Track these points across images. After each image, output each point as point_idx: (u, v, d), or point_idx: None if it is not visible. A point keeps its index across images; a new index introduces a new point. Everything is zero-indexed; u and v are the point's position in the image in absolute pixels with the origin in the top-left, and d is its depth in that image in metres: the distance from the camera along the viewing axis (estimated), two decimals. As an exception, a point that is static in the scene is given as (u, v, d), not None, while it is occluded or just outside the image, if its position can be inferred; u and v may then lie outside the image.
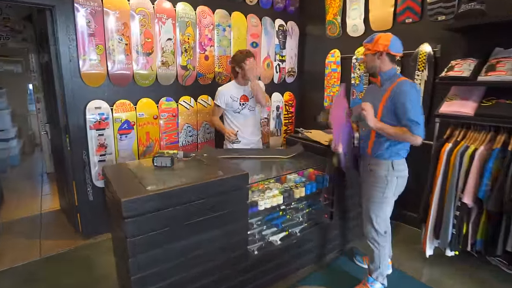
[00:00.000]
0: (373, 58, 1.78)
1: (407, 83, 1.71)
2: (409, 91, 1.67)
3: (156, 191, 1.39)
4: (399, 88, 1.69)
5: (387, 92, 1.75)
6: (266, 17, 3.32)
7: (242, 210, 1.71)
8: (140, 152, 2.70)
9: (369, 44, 1.78)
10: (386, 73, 1.79)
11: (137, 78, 2.59)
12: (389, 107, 1.73)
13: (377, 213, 1.88)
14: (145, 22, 2.55)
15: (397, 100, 1.68)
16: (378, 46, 1.74)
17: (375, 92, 1.85)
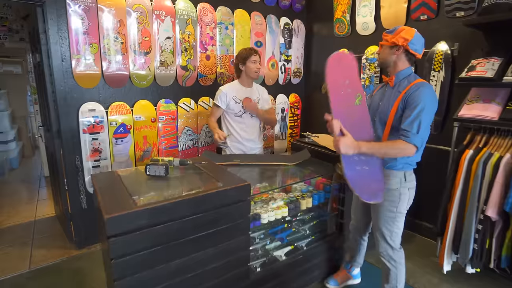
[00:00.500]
0: (388, 52, 1.56)
1: (426, 87, 1.47)
2: (426, 96, 1.44)
3: (147, 205, 1.24)
4: (415, 90, 1.46)
5: (401, 95, 1.51)
6: (271, 15, 3.16)
7: (244, 225, 1.55)
8: (137, 157, 2.55)
9: (388, 34, 1.56)
10: (401, 73, 1.57)
11: (134, 79, 2.45)
12: (402, 110, 1.51)
13: (391, 228, 1.68)
14: (142, 19, 2.41)
15: (409, 102, 1.46)
16: (397, 39, 1.51)
17: (385, 93, 1.63)
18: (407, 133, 1.43)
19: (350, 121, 1.45)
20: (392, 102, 1.55)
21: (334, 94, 1.44)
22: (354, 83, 1.52)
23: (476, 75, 1.97)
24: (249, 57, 2.24)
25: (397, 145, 1.44)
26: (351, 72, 1.52)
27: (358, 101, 1.52)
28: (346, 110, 1.48)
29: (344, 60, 1.50)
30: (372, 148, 1.45)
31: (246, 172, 2.01)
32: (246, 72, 2.29)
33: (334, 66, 1.44)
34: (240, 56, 2.29)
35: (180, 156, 2.77)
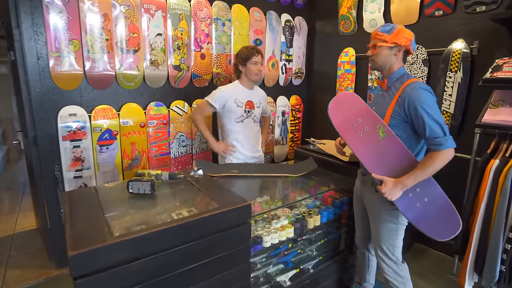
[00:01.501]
0: (389, 53, 1.44)
1: (418, 86, 1.36)
2: (422, 99, 1.33)
3: (125, 235, 1.00)
4: (409, 94, 1.35)
5: (395, 98, 1.41)
6: (271, 11, 2.94)
7: (243, 252, 1.32)
8: (124, 166, 2.31)
9: (386, 34, 1.42)
10: (395, 74, 1.47)
11: (120, 79, 2.21)
12: (399, 115, 1.40)
13: (393, 242, 1.53)
14: (130, 14, 2.17)
15: (410, 110, 1.36)
16: (400, 39, 1.41)
17: (379, 98, 1.54)
18: (436, 140, 1.32)
19: (385, 160, 1.40)
20: (386, 106, 1.45)
21: (355, 143, 1.41)
22: (367, 117, 1.42)
23: (504, 76, 1.75)
24: (250, 58, 2.01)
25: (437, 158, 1.32)
26: (358, 108, 1.45)
27: (382, 134, 1.40)
28: (375, 152, 1.41)
29: (343, 102, 1.46)
30: (416, 177, 1.34)
31: (246, 185, 1.78)
32: (246, 74, 2.06)
33: (337, 114, 1.43)
34: (240, 55, 2.06)
35: (172, 164, 2.53)
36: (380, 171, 1.41)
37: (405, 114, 1.38)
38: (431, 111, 1.32)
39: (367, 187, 1.58)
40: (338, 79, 3.05)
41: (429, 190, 1.40)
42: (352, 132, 1.42)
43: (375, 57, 1.48)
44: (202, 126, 2.12)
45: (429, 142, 1.35)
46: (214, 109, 2.08)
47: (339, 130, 1.44)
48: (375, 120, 1.41)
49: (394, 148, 1.40)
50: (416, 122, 1.36)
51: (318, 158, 2.05)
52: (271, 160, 3.27)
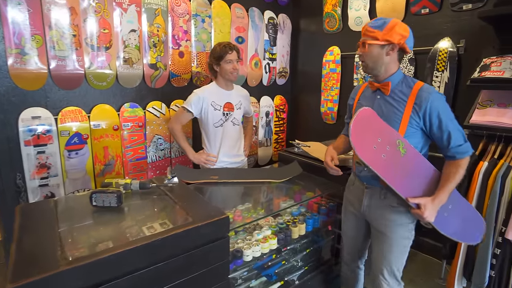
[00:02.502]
0: (380, 52, 1.25)
1: (434, 91, 1.24)
2: (442, 105, 1.22)
3: (80, 260, 0.86)
4: (429, 100, 1.21)
5: (409, 104, 1.25)
6: (253, 8, 2.82)
7: (222, 269, 1.20)
8: (96, 172, 2.15)
9: (377, 30, 1.24)
10: (396, 76, 1.30)
11: (90, 79, 2.05)
12: (417, 124, 1.25)
13: (403, 260, 1.41)
14: (100, 8, 2.01)
15: (431, 118, 1.22)
16: (392, 36, 1.22)
17: (379, 103, 1.33)
18: (461, 148, 1.23)
19: (413, 178, 1.27)
20: (398, 115, 1.26)
21: (382, 170, 1.21)
22: (386, 134, 1.24)
23: (492, 75, 1.70)
24: (223, 56, 1.88)
25: (464, 166, 1.24)
26: (376, 125, 1.25)
27: (403, 150, 1.24)
28: (402, 173, 1.25)
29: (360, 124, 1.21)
30: (449, 190, 1.24)
31: (226, 193, 1.67)
32: (221, 73, 1.94)
33: (360, 141, 1.20)
34: (213, 54, 1.93)
35: (149, 169, 2.38)
36: (412, 192, 1.26)
37: (424, 122, 1.24)
38: (453, 119, 1.23)
39: (375, 202, 1.38)
40: (323, 78, 2.97)
41: (452, 196, 1.31)
42: (376, 157, 1.21)
43: (365, 57, 1.29)
44: (179, 135, 1.99)
45: (452, 150, 1.24)
46: (192, 115, 1.95)
47: (370, 163, 1.20)
48: (393, 135, 1.24)
49: (416, 163, 1.27)
50: (437, 131, 1.23)
51: (303, 161, 1.95)
52: (255, 163, 3.16)
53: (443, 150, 1.27)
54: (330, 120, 2.98)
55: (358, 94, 1.49)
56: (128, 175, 2.27)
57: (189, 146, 2.07)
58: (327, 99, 2.97)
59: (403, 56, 1.32)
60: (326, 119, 3.02)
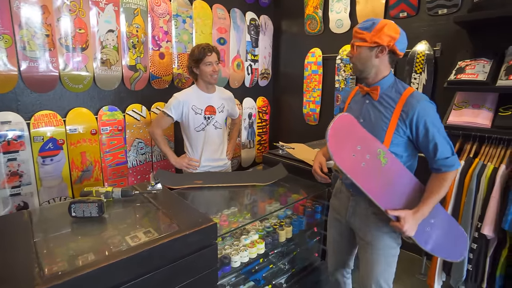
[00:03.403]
0: (369, 55, 1.21)
1: (424, 98, 1.19)
2: (431, 114, 1.17)
3: (63, 278, 0.81)
4: (416, 108, 1.16)
5: (397, 111, 1.20)
6: (235, 8, 2.79)
7: (210, 277, 1.17)
8: (73, 178, 2.05)
9: (365, 32, 1.20)
10: (386, 80, 1.25)
11: (65, 81, 1.95)
12: (403, 132, 1.20)
13: (391, 270, 1.35)
14: (75, 6, 1.92)
15: (418, 127, 1.18)
16: (381, 38, 1.17)
17: (367, 108, 1.29)
18: (447, 161, 1.18)
19: (393, 190, 1.22)
20: (385, 121, 1.22)
21: (361, 178, 1.16)
22: (366, 142, 1.19)
23: (467, 78, 1.77)
24: (202, 59, 1.84)
25: (446, 180, 1.19)
26: (355, 132, 1.20)
27: (383, 160, 1.19)
28: (382, 183, 1.19)
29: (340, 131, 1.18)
30: (432, 203, 1.19)
31: (211, 197, 1.64)
32: (201, 76, 1.91)
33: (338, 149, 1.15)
34: (192, 57, 1.89)
35: (130, 175, 2.30)
36: (392, 204, 1.20)
37: (411, 131, 1.19)
38: (441, 129, 1.17)
39: (360, 209, 1.33)
40: (305, 80, 2.99)
41: (434, 210, 1.26)
42: (355, 165, 1.16)
43: (354, 59, 1.26)
44: (160, 140, 1.95)
45: (438, 162, 1.19)
46: (172, 120, 1.91)
47: (348, 171, 1.15)
48: (373, 143, 1.19)
49: (398, 173, 1.22)
50: (424, 141, 1.18)
51: (288, 163, 1.95)
52: (238, 165, 3.14)
53: (429, 161, 1.23)
54: (313, 121, 3.01)
55: (349, 97, 1.44)
56: (107, 181, 2.19)
57: (170, 150, 2.02)
58: (309, 101, 3.00)
59: (395, 59, 1.26)
60: (309, 120, 3.05)
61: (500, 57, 1.81)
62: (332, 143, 1.13)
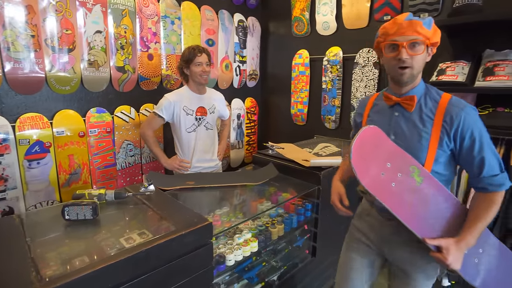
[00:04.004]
0: (425, 57, 1.04)
1: (468, 105, 1.02)
2: (477, 123, 1.00)
3: (61, 279, 0.81)
4: (462, 117, 0.99)
5: (436, 123, 1.02)
6: (223, 10, 2.81)
7: (205, 276, 1.19)
8: (61, 182, 2.01)
9: (426, 28, 0.99)
10: (420, 87, 1.09)
11: (52, 82, 1.92)
12: (447, 146, 1.03)
13: None
14: (61, 7, 1.89)
15: (465, 139, 1.00)
16: (438, 37, 1.05)
17: (400, 122, 1.10)
18: (496, 179, 1.00)
19: (432, 214, 1.02)
20: (426, 137, 1.04)
21: (391, 201, 0.98)
22: (396, 158, 1.01)
23: (448, 79, 1.86)
24: (193, 59, 1.86)
25: (494, 202, 1.01)
26: (384, 147, 1.02)
27: (418, 179, 1.01)
28: (418, 207, 1.00)
29: (365, 145, 1.00)
30: (476, 231, 0.99)
31: (203, 198, 1.65)
32: (191, 77, 1.92)
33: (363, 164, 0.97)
34: (182, 58, 1.92)
35: (119, 177, 2.28)
36: (430, 231, 1.01)
37: (455, 143, 1.02)
38: (489, 140, 1.00)
39: (400, 237, 1.12)
40: (293, 81, 3.04)
41: (482, 237, 1.07)
42: (384, 185, 0.99)
43: (415, 63, 1.01)
44: (151, 141, 1.95)
45: (484, 181, 1.01)
46: (163, 120, 1.91)
47: (376, 193, 0.98)
48: (406, 159, 1.02)
49: (436, 194, 1.03)
50: (468, 155, 1.01)
51: (278, 163, 1.98)
52: (227, 165, 3.15)
53: (472, 179, 1.04)
54: (300, 121, 3.06)
55: (367, 108, 1.24)
56: (96, 183, 2.16)
57: (161, 152, 2.03)
58: (297, 101, 3.05)
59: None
60: (297, 120, 3.09)
61: (477, 59, 1.90)
62: (357, 160, 0.96)
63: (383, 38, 1.07)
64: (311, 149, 2.28)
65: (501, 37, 1.86)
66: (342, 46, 2.60)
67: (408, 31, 0.99)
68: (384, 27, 1.07)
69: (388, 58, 1.05)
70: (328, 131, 2.80)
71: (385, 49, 1.06)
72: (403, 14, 1.03)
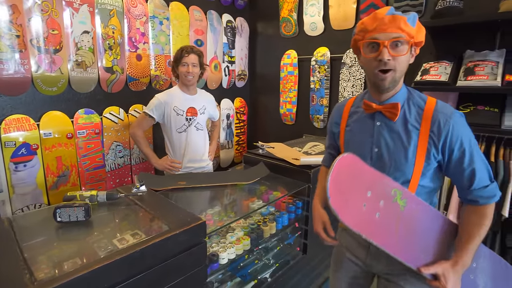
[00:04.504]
0: (409, 57, 0.94)
1: (455, 111, 0.92)
2: (466, 132, 0.92)
3: (55, 281, 0.81)
4: (450, 125, 0.89)
5: (423, 133, 0.92)
6: (211, 10, 2.82)
7: (199, 275, 1.20)
8: (49, 184, 1.98)
9: (409, 24, 0.88)
10: (402, 93, 0.98)
11: (38, 83, 1.88)
12: (434, 158, 0.93)
13: None
14: (47, 7, 1.86)
15: (454, 149, 0.91)
16: (423, 35, 0.94)
17: (382, 133, 0.98)
18: (486, 191, 0.92)
19: (422, 240, 0.94)
20: (411, 149, 0.93)
21: (377, 233, 0.88)
22: (377, 184, 0.89)
23: (432, 79, 1.92)
24: (180, 59, 1.89)
25: (486, 216, 0.93)
26: (363, 174, 0.89)
27: (401, 202, 0.91)
28: (406, 235, 0.91)
29: (341, 176, 0.85)
30: (471, 251, 0.91)
31: (196, 198, 1.66)
32: (179, 77, 1.95)
33: (343, 199, 0.84)
34: (174, 57, 1.96)
35: (108, 179, 2.25)
36: (422, 257, 0.93)
37: (443, 155, 0.92)
38: (479, 150, 0.92)
39: (401, 275, 1.01)
40: (281, 81, 3.07)
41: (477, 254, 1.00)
42: (368, 219, 0.87)
43: (398, 66, 0.89)
44: (142, 142, 1.95)
45: (474, 193, 0.92)
46: (154, 120, 1.92)
47: (361, 229, 0.85)
48: (386, 183, 0.90)
49: (422, 215, 0.94)
50: (457, 166, 0.92)
51: (269, 162, 2.01)
52: (217, 165, 3.16)
53: (462, 191, 0.96)
54: (289, 121, 3.09)
55: (344, 117, 1.11)
56: (85, 185, 2.13)
57: (152, 152, 2.02)
58: (285, 101, 3.08)
59: None
60: (286, 120, 3.13)
61: (459, 60, 1.98)
62: (335, 197, 0.82)
63: (361, 36, 0.94)
64: (301, 148, 2.31)
65: (480, 38, 1.94)
66: (330, 47, 2.65)
67: (390, 27, 0.86)
68: (362, 22, 0.94)
69: (367, 59, 0.93)
70: (317, 130, 2.85)
71: (363, 49, 0.94)
72: (384, 8, 0.90)
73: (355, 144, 1.05)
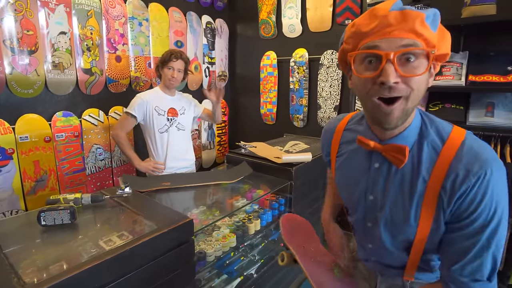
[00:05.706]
0: (427, 79, 0.64)
1: (493, 164, 0.61)
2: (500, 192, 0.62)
3: (45, 283, 0.81)
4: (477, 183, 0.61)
5: (435, 184, 0.65)
6: (191, 12, 2.83)
7: (187, 272, 1.22)
8: (26, 189, 1.93)
9: (429, 28, 0.60)
10: (413, 127, 0.69)
11: (13, 85, 1.83)
12: (442, 218, 0.66)
13: None
14: (21, 6, 1.81)
15: (469, 211, 0.63)
16: (447, 45, 0.65)
17: (380, 178, 0.74)
18: (471, 284, 0.64)
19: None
20: (415, 208, 0.68)
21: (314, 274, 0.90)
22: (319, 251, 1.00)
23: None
24: (167, 62, 1.91)
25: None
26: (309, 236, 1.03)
27: (337, 274, 0.93)
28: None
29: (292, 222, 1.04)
30: None
31: (181, 198, 1.67)
32: (162, 78, 1.97)
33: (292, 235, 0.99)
34: (160, 58, 1.96)
35: (89, 182, 2.22)
36: None
37: (453, 216, 0.65)
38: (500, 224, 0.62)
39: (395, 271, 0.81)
40: (261, 81, 3.13)
41: None
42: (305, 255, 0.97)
43: (410, 91, 0.60)
44: (124, 143, 1.94)
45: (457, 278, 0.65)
46: (135, 121, 1.92)
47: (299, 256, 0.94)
48: (329, 258, 0.98)
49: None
50: (465, 233, 0.64)
51: (251, 161, 2.05)
52: (199, 166, 3.17)
53: (442, 262, 0.71)
54: (270, 121, 3.15)
55: (334, 144, 0.87)
56: (64, 189, 2.09)
57: (135, 154, 2.01)
58: (266, 101, 3.14)
59: None
60: (266, 120, 3.19)
61: (428, 61, 2.11)
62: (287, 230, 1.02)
63: (352, 44, 0.65)
64: (282, 147, 2.37)
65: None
66: (308, 48, 2.74)
67: (398, 29, 0.58)
68: (354, 24, 0.64)
69: (362, 79, 0.63)
70: (297, 129, 2.93)
71: (355, 64, 0.65)
72: (388, 1, 0.60)
73: (348, 184, 0.83)
